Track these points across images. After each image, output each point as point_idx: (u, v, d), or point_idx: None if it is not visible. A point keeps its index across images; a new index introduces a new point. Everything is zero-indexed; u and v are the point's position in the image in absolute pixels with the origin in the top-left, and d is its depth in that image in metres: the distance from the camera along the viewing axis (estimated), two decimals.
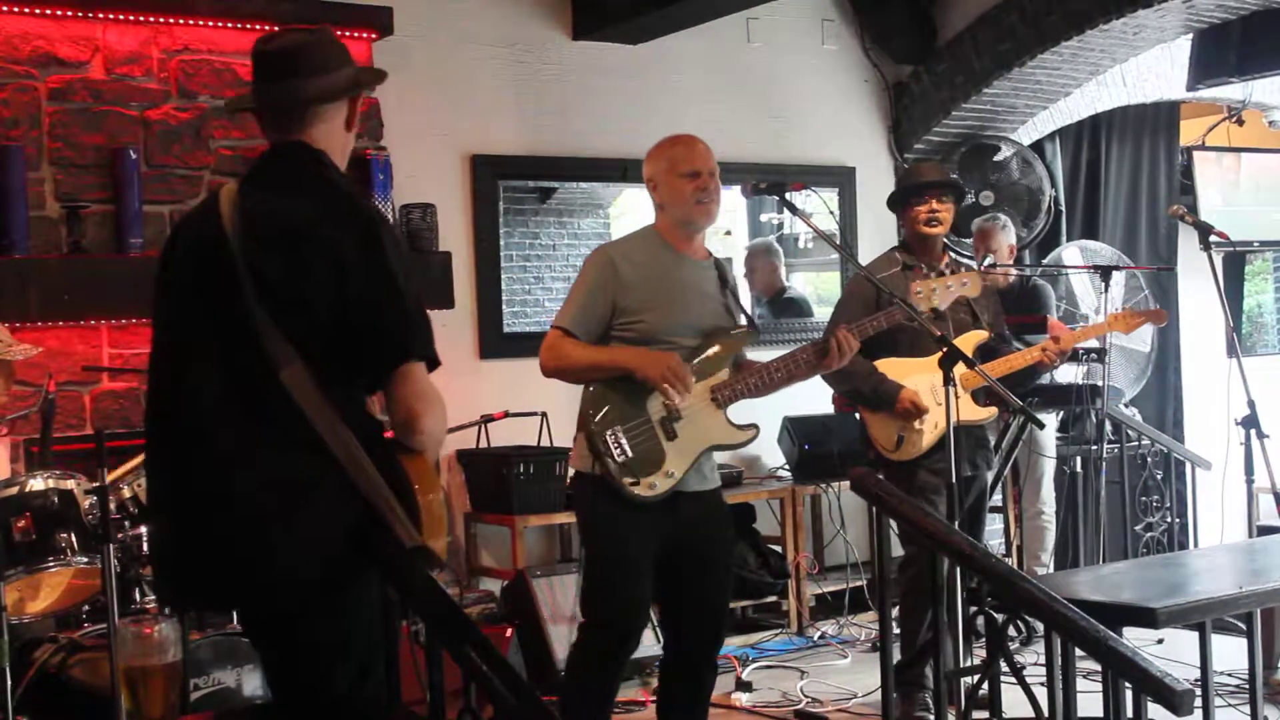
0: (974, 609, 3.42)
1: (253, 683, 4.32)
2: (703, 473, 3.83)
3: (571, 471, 3.92)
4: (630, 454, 3.69)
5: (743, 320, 3.97)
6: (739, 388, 3.84)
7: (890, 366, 4.71)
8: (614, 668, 3.83)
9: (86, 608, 4.31)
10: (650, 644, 3.94)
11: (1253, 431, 4.82)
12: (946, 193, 4.81)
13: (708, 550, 3.85)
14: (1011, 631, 3.27)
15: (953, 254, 5.09)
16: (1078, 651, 3.15)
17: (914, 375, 4.65)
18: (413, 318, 2.62)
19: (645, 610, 3.85)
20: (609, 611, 3.78)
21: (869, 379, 4.67)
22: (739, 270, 7.00)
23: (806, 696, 5.25)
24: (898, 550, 4.86)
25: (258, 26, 5.27)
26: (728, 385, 3.83)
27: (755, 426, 3.91)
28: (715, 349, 3.83)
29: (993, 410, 4.79)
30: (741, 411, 3.88)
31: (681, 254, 3.87)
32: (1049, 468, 6.49)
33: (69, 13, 5.01)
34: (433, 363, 2.66)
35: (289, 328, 2.55)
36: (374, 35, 5.51)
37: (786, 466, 6.58)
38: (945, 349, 3.86)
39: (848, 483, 3.78)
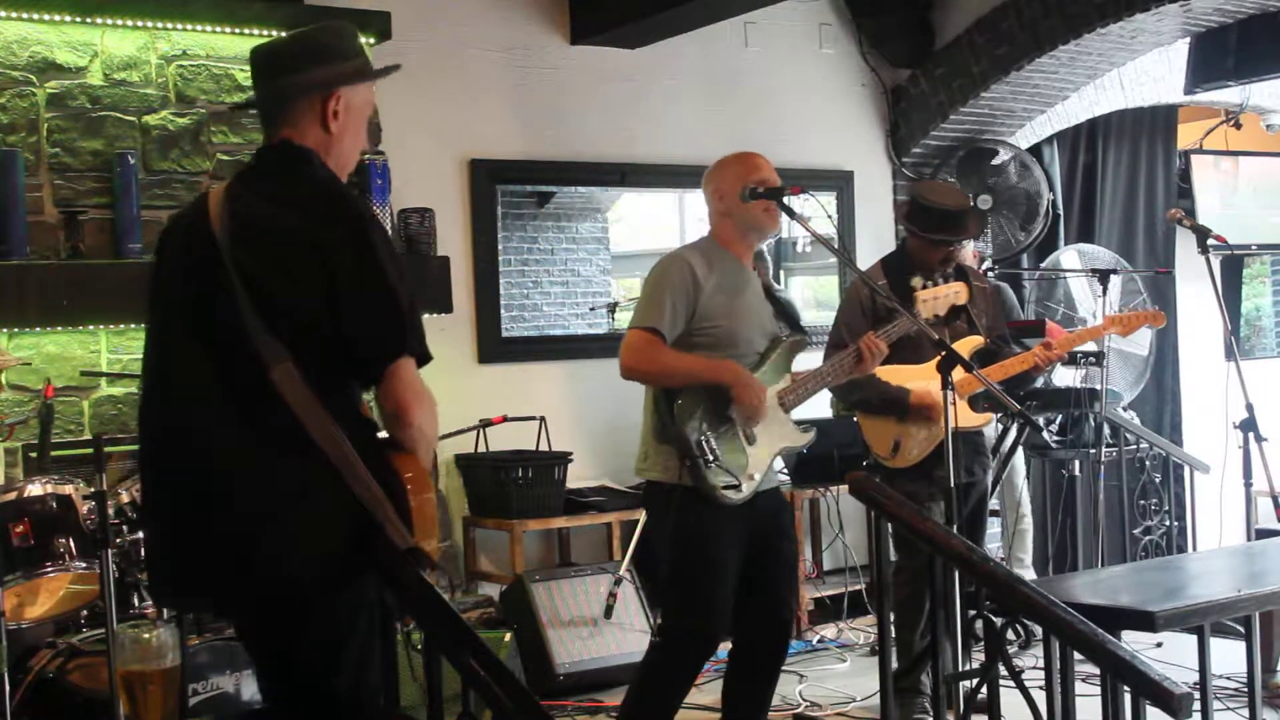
0: (973, 613, 3.43)
1: (251, 688, 4.32)
2: (772, 472, 3.99)
3: (641, 480, 3.97)
4: (720, 458, 3.78)
5: (787, 329, 4.07)
6: (801, 392, 4.01)
7: (889, 374, 4.69)
8: (693, 676, 3.88)
9: (85, 613, 4.31)
10: None
11: (1251, 435, 4.82)
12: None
13: (779, 542, 4.00)
14: (1010, 635, 3.27)
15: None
16: (1076, 655, 3.16)
17: (913, 382, 4.65)
18: (404, 313, 2.61)
19: (729, 613, 3.88)
20: (703, 616, 3.82)
21: (874, 388, 4.68)
22: None
23: (805, 700, 5.24)
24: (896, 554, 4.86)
25: (255, 32, 5.27)
26: (791, 391, 3.99)
27: (814, 425, 4.09)
28: (777, 356, 3.98)
29: (988, 416, 4.79)
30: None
31: (743, 264, 3.97)
32: (1020, 467, 6.48)
33: (67, 18, 5.00)
34: (423, 358, 2.65)
35: (279, 327, 2.55)
36: (371, 40, 5.51)
37: (785, 470, 6.56)
38: (944, 353, 3.87)
39: (846, 486, 3.80)
